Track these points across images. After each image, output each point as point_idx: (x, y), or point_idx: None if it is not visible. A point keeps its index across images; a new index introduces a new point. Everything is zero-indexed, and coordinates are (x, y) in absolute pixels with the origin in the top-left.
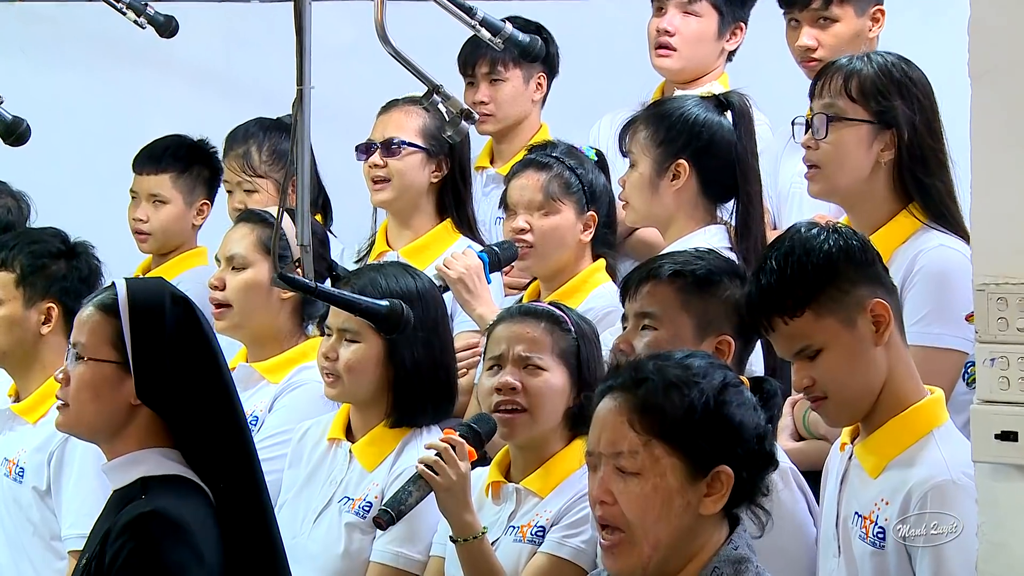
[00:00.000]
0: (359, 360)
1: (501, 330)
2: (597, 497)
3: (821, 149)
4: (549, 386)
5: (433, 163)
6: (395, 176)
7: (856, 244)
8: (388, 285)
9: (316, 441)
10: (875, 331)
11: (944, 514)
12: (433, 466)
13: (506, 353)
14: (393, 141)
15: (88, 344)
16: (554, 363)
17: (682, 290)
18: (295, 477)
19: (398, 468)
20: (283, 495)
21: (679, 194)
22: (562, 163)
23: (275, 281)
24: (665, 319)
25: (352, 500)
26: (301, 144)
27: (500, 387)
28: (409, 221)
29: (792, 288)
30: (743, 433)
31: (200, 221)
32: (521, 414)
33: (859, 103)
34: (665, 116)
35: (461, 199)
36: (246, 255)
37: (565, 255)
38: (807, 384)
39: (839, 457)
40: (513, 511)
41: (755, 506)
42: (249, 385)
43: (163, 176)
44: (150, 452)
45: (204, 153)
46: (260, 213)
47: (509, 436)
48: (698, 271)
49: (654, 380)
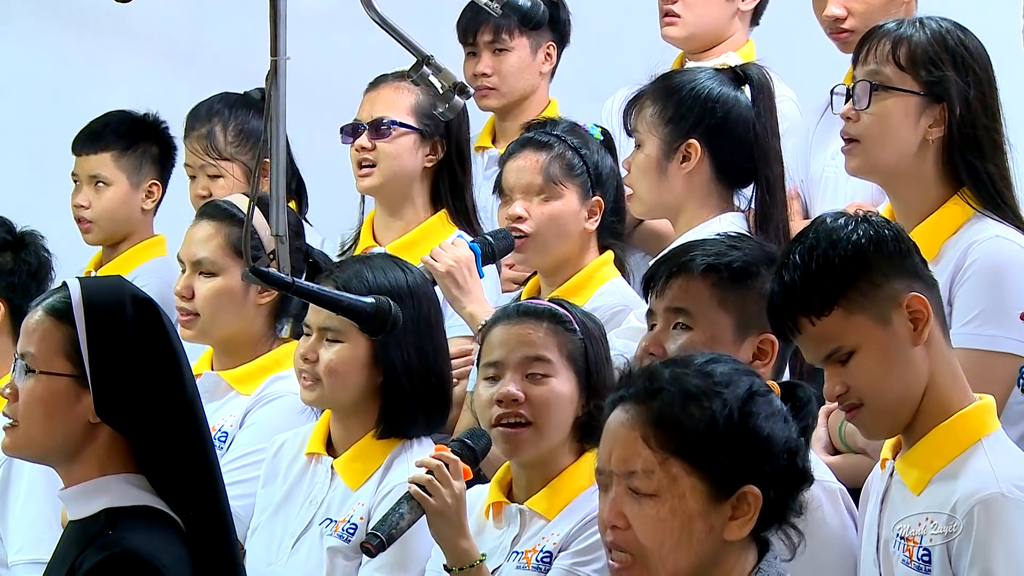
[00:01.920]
0: (342, 363)
1: (498, 333)
2: (608, 521)
3: (862, 121)
4: (556, 395)
5: (427, 145)
6: (384, 160)
7: (888, 233)
8: (375, 279)
9: (293, 456)
10: (913, 329)
11: (993, 530)
12: (426, 486)
13: (505, 359)
14: (382, 121)
15: (39, 355)
16: (560, 368)
17: (718, 286)
18: (270, 496)
19: (386, 486)
20: (257, 517)
21: (690, 178)
22: (564, 142)
23: (246, 276)
24: (700, 318)
25: (335, 522)
26: (275, 122)
27: (501, 399)
28: (399, 211)
29: (818, 284)
30: (772, 448)
31: (150, 205)
32: (525, 428)
33: (907, 72)
34: (674, 90)
35: (458, 186)
36: (214, 260)
37: (567, 246)
38: (840, 391)
39: (880, 476)
40: (517, 535)
41: (787, 526)
42: (216, 396)
43: (103, 155)
44: (113, 480)
45: (151, 128)
46: (224, 207)
47: (513, 453)
48: (734, 263)
49: (671, 390)
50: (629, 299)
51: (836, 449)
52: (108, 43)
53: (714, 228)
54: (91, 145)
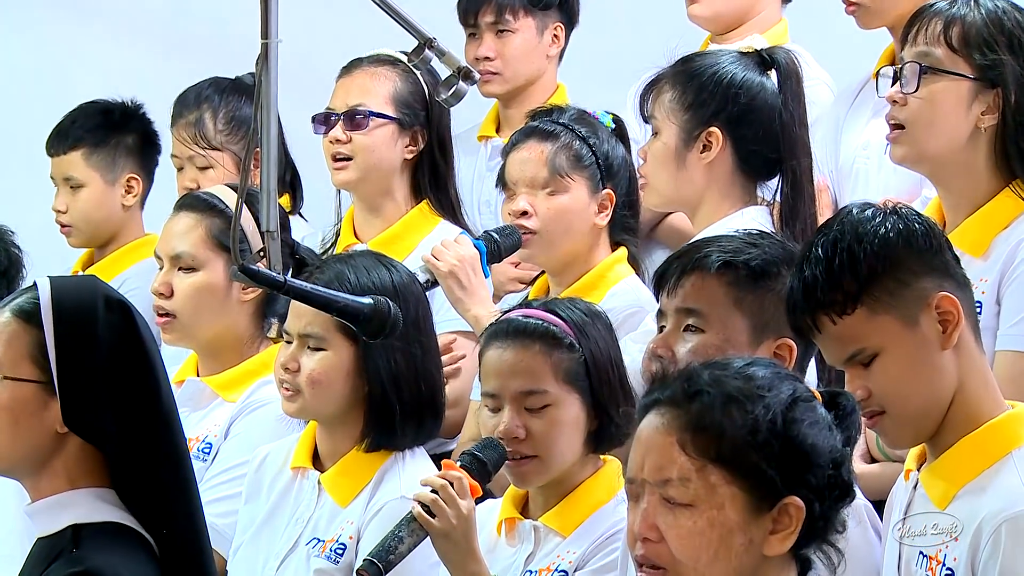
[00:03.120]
0: (325, 371)
1: (492, 359)
2: (640, 533)
3: (910, 105)
4: (558, 424)
5: (407, 136)
6: (360, 153)
7: (919, 227)
8: (358, 280)
9: (278, 470)
10: (942, 331)
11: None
12: (431, 506)
13: (500, 391)
14: (357, 111)
15: (5, 359)
16: (560, 392)
17: (734, 285)
18: (253, 513)
19: (376, 503)
20: (239, 536)
21: (710, 169)
22: (571, 131)
23: (235, 274)
24: (714, 319)
25: (323, 542)
26: (266, 109)
27: (501, 436)
28: (378, 207)
29: (841, 280)
30: (816, 458)
31: (132, 200)
32: (530, 461)
33: (960, 55)
34: (695, 74)
35: (440, 177)
36: (195, 253)
37: (575, 243)
38: (861, 396)
39: (904, 487)
40: (531, 553)
41: (827, 544)
42: (200, 404)
43: (73, 155)
44: (82, 493)
45: (124, 117)
46: (204, 197)
47: (522, 484)
48: (752, 261)
49: (710, 393)
50: (644, 300)
51: (873, 457)
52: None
53: (735, 223)
54: (60, 145)
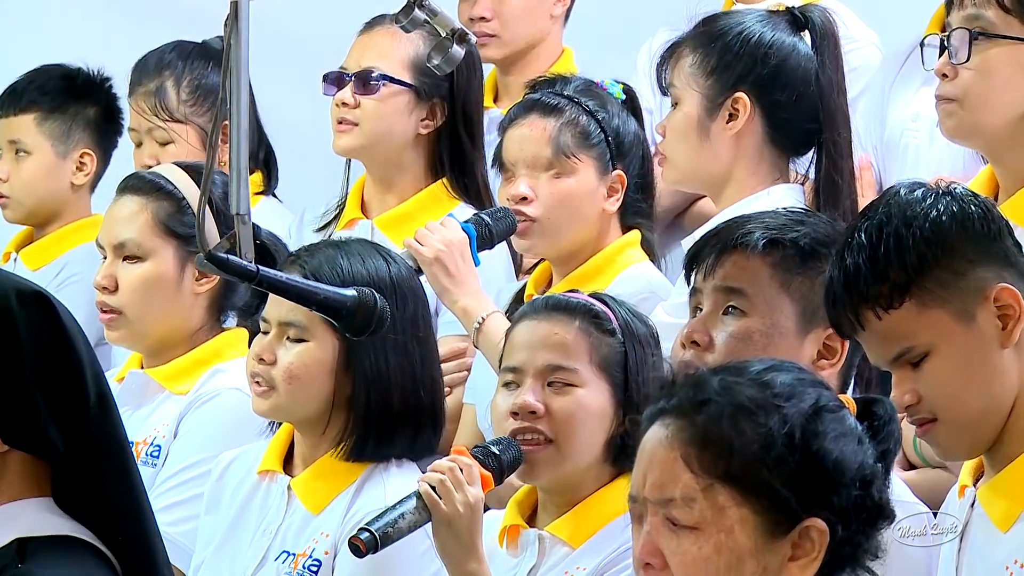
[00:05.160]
0: (305, 366)
1: (521, 332)
2: (642, 558)
3: (961, 78)
4: (583, 408)
5: (423, 108)
6: (367, 120)
7: (975, 210)
8: (351, 268)
9: (243, 475)
10: (1001, 328)
11: None
12: (437, 487)
13: (525, 364)
14: (372, 74)
15: None
16: (591, 376)
17: (780, 266)
18: (215, 526)
19: (356, 513)
20: (200, 551)
21: (737, 140)
22: (577, 105)
23: (201, 264)
24: (759, 302)
25: (293, 556)
26: (236, 77)
27: (517, 410)
28: (390, 181)
29: (887, 270)
30: (840, 476)
31: (82, 179)
32: (544, 446)
33: (1015, 15)
34: (718, 35)
35: (466, 158)
36: (141, 241)
37: (582, 231)
38: (910, 401)
39: (958, 504)
40: (534, 565)
41: (862, 571)
42: (145, 399)
43: (24, 117)
44: (26, 504)
45: (87, 87)
46: (149, 178)
47: (529, 475)
48: (800, 240)
49: (718, 403)
50: (657, 286)
51: (911, 463)
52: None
53: (763, 203)
54: (11, 105)
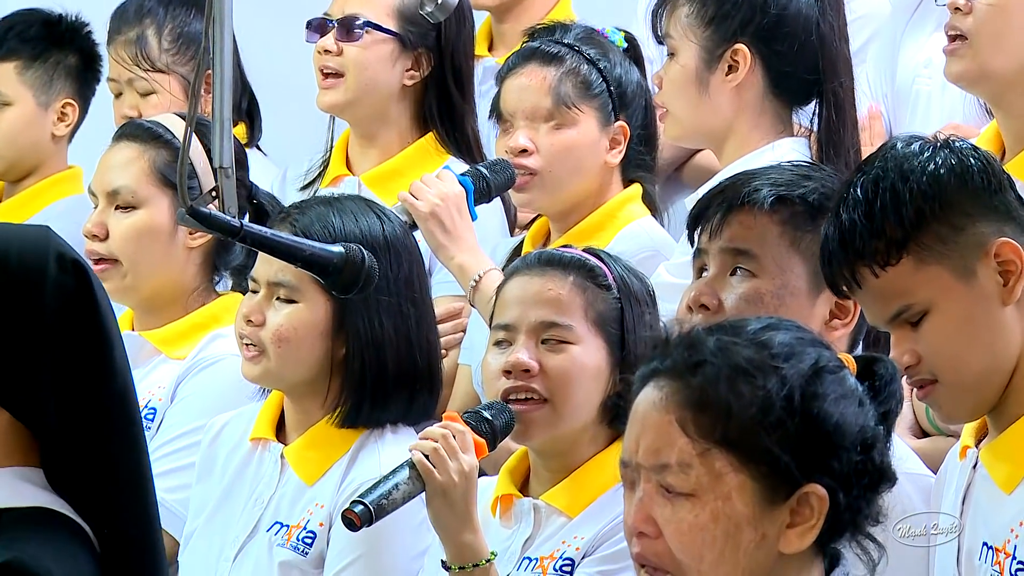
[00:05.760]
0: (294, 327)
1: (514, 288)
2: (635, 527)
3: (976, 13)
4: (578, 366)
5: (408, 58)
6: (352, 71)
7: (974, 163)
8: (343, 226)
9: (235, 442)
10: (1003, 284)
11: None
12: (430, 456)
13: (518, 321)
14: (356, 21)
15: None
16: (587, 333)
17: (790, 223)
18: (207, 494)
19: (351, 482)
20: (191, 521)
21: (738, 93)
22: (578, 54)
23: (182, 217)
24: (768, 262)
25: (286, 527)
26: (220, 24)
27: (510, 368)
28: (375, 135)
29: (884, 225)
30: (841, 439)
31: (64, 130)
32: (539, 406)
33: None
34: None
35: (455, 110)
36: (135, 189)
37: (583, 184)
38: (909, 361)
39: (959, 466)
40: (530, 536)
41: (863, 537)
42: (139, 363)
43: (5, 66)
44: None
45: (68, 33)
46: (148, 126)
47: (523, 436)
48: (809, 196)
49: (715, 363)
50: (660, 243)
51: (924, 431)
52: None
53: (768, 157)
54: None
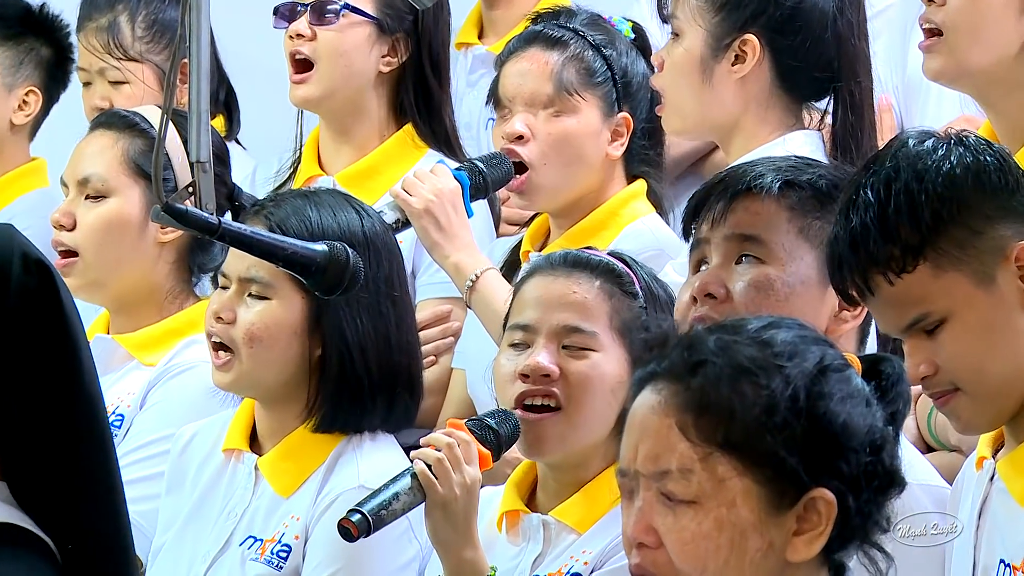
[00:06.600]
0: (267, 326)
1: (534, 288)
2: (634, 537)
3: (949, 5)
4: (599, 375)
5: (385, 43)
6: (325, 58)
7: (991, 161)
8: (321, 221)
9: (207, 453)
10: (1023, 289)
11: None
12: (433, 467)
13: (538, 323)
14: (331, 3)
15: None
16: (610, 342)
17: (798, 209)
18: (177, 506)
19: (329, 494)
20: (160, 534)
21: (742, 85)
22: (583, 39)
23: (156, 214)
24: (776, 248)
25: (260, 541)
26: (197, 11)
27: (527, 372)
28: (349, 130)
29: (898, 230)
30: (849, 440)
31: (22, 120)
32: (554, 414)
33: None
34: None
35: (432, 100)
36: (107, 177)
37: (583, 178)
38: (926, 372)
39: (976, 478)
40: (540, 554)
41: (870, 546)
42: (111, 367)
43: None
44: None
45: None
46: (125, 115)
47: (535, 446)
48: (818, 181)
49: (716, 364)
50: (665, 242)
51: (927, 445)
52: None
53: (779, 151)
54: None
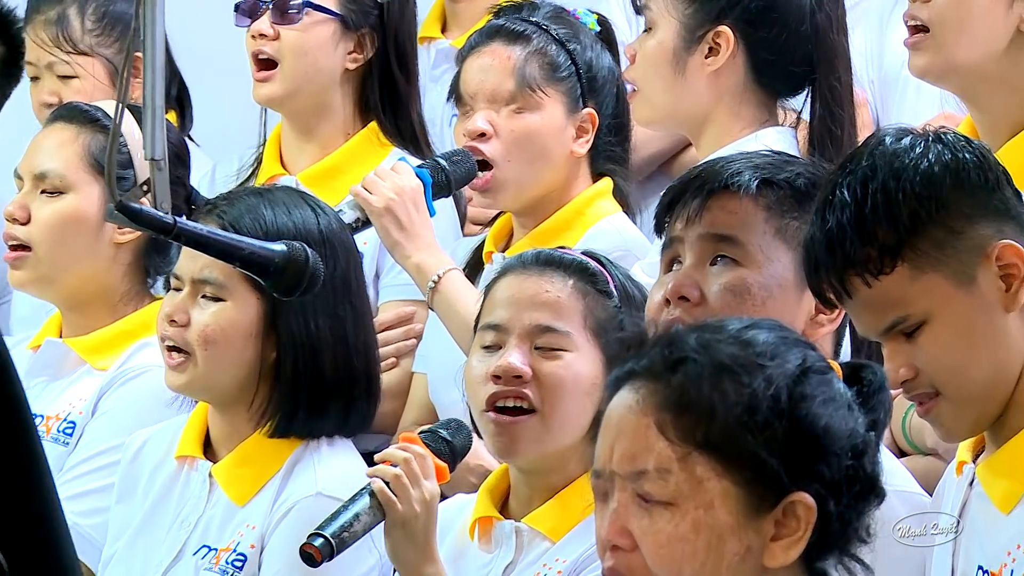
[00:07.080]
0: (222, 328)
1: (506, 287)
2: (608, 539)
3: (935, 1)
4: (573, 376)
5: (351, 40)
6: (289, 58)
7: (970, 159)
8: (275, 220)
9: (159, 460)
10: (1004, 289)
11: None
12: (392, 484)
13: (510, 322)
14: (293, 1)
15: None
16: (584, 342)
17: (775, 209)
18: (128, 515)
19: (285, 501)
20: (111, 543)
21: (715, 78)
22: (546, 34)
23: (110, 214)
24: (753, 251)
25: (215, 551)
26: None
27: (499, 373)
28: (312, 129)
29: (876, 231)
30: (831, 444)
31: None
32: (527, 416)
33: None
34: None
35: (398, 97)
36: (64, 172)
37: (547, 175)
38: (906, 375)
39: (956, 483)
40: (511, 562)
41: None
42: (61, 373)
43: None
44: None
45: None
46: (86, 109)
47: (508, 450)
48: (796, 180)
49: (696, 362)
50: (632, 242)
51: (900, 449)
52: None
53: (751, 148)
54: None
